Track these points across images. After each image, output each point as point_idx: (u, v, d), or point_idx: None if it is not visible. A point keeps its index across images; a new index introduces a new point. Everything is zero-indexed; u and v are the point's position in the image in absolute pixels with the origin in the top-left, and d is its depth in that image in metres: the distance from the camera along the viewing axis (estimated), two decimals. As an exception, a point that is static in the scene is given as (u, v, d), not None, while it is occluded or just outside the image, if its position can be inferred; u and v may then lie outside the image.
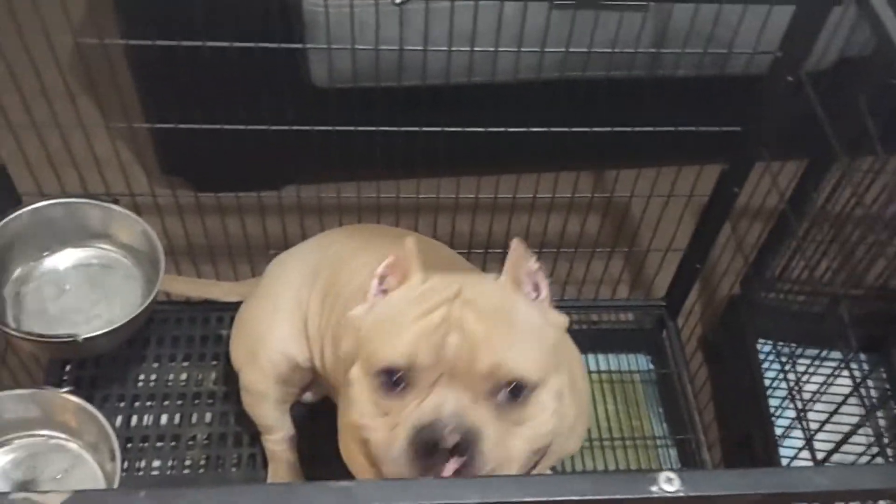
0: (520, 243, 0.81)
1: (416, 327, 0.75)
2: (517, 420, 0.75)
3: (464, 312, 0.75)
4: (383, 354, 0.75)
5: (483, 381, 0.73)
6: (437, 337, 0.74)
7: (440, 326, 0.74)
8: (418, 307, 0.77)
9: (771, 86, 1.16)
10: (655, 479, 0.55)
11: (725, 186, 1.30)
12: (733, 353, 1.49)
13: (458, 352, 0.73)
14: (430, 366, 0.73)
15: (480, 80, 1.19)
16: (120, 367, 1.38)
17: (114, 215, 1.25)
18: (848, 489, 0.56)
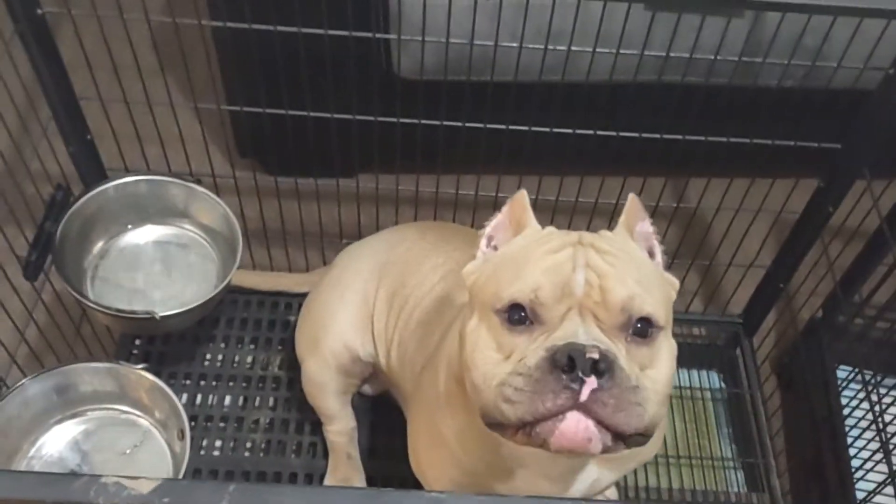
0: (635, 198, 0.81)
1: (542, 264, 0.73)
2: (645, 362, 0.72)
3: (588, 253, 0.74)
4: (509, 290, 0.72)
5: (614, 314, 0.70)
6: (564, 272, 0.72)
7: (566, 263, 0.73)
8: (540, 248, 0.75)
9: (879, 104, 1.10)
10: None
11: (820, 204, 1.25)
12: (810, 378, 1.43)
13: (586, 287, 0.71)
14: (555, 300, 0.71)
15: (574, 80, 1.16)
16: (189, 346, 1.39)
17: (196, 195, 1.25)
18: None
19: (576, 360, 0.66)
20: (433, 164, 1.29)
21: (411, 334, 1.05)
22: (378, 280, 1.15)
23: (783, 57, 1.11)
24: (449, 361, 0.87)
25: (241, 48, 1.39)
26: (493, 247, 0.82)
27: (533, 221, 0.81)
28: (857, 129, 1.15)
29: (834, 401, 1.37)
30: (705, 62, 1.10)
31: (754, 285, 1.46)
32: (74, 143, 1.22)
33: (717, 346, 1.54)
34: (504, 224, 0.82)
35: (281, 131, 1.22)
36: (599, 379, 0.66)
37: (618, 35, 1.06)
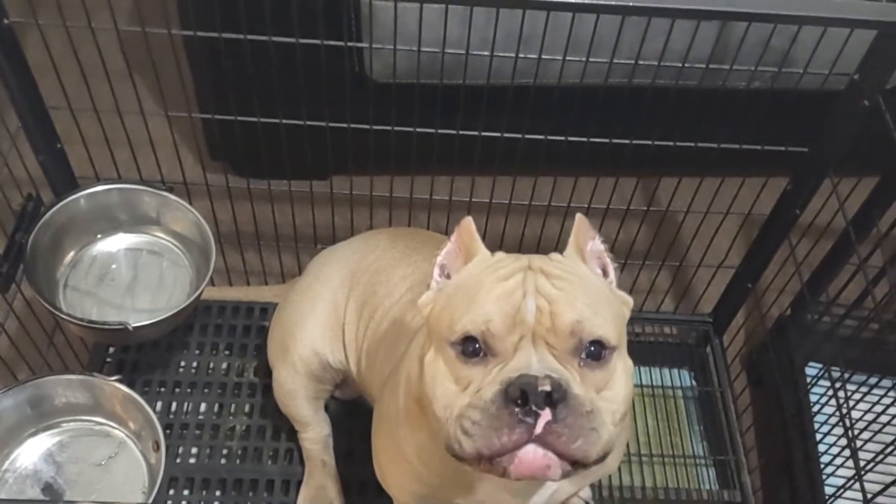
0: (583, 219, 0.80)
1: (492, 294, 0.74)
2: (599, 384, 0.72)
3: (538, 278, 0.74)
4: (462, 323, 0.73)
5: (565, 339, 0.71)
6: (514, 301, 0.73)
7: (516, 291, 0.73)
8: (492, 276, 0.76)
9: (845, 109, 1.12)
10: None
11: (787, 206, 1.27)
12: (779, 376, 1.46)
13: (536, 314, 0.71)
14: (507, 331, 0.72)
15: (544, 84, 1.17)
16: (163, 353, 1.38)
17: (168, 203, 1.25)
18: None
19: (528, 393, 0.67)
20: (407, 167, 1.30)
21: (379, 344, 1.06)
22: (348, 288, 1.15)
23: (752, 57, 1.12)
24: (408, 380, 0.87)
25: (212, 55, 1.38)
26: (445, 275, 0.82)
27: (482, 248, 0.81)
28: (823, 133, 1.17)
29: (803, 398, 1.40)
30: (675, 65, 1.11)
31: (724, 284, 1.49)
32: (44, 151, 1.21)
33: (687, 344, 1.56)
34: (454, 252, 0.82)
35: (252, 135, 1.22)
36: (554, 410, 0.67)
37: (588, 38, 1.07)
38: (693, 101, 1.16)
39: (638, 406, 1.47)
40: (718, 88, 1.18)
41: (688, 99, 1.16)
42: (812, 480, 1.30)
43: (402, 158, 1.25)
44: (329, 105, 1.17)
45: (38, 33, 1.08)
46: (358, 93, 1.43)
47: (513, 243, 1.46)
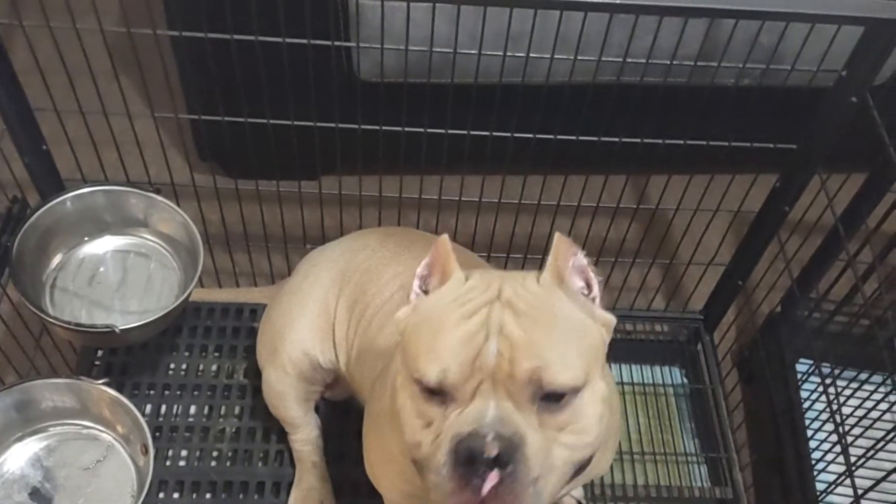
0: (562, 238, 0.78)
1: (453, 336, 0.73)
2: (560, 426, 0.72)
3: (504, 315, 0.73)
4: (420, 367, 0.73)
5: (523, 387, 0.71)
6: (476, 344, 0.72)
7: (479, 332, 0.72)
8: (458, 310, 0.75)
9: (833, 106, 1.12)
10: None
11: (776, 204, 1.27)
12: (770, 373, 1.46)
13: (497, 358, 0.71)
14: (467, 377, 0.71)
15: (532, 82, 1.16)
16: (152, 356, 1.37)
17: (155, 204, 1.24)
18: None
19: (475, 455, 0.68)
20: (396, 167, 1.29)
21: (370, 343, 1.05)
22: (339, 288, 1.15)
23: (741, 54, 1.12)
24: (394, 382, 0.87)
25: (199, 55, 1.37)
26: (424, 290, 0.81)
27: (456, 270, 0.79)
28: (811, 129, 1.17)
29: (793, 394, 1.40)
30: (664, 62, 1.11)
31: (714, 282, 1.49)
32: (29, 153, 1.20)
33: (678, 342, 1.56)
34: (434, 266, 0.81)
35: (241, 136, 1.21)
36: (502, 471, 0.68)
37: (576, 36, 1.06)
38: (682, 99, 1.16)
39: (629, 404, 1.47)
40: (707, 86, 1.18)
41: (677, 97, 1.16)
42: (803, 477, 1.30)
43: (390, 158, 1.25)
44: (317, 105, 1.17)
45: (23, 35, 1.07)
46: (346, 92, 1.43)
47: (503, 241, 1.45)
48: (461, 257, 1.08)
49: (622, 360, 1.53)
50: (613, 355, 1.59)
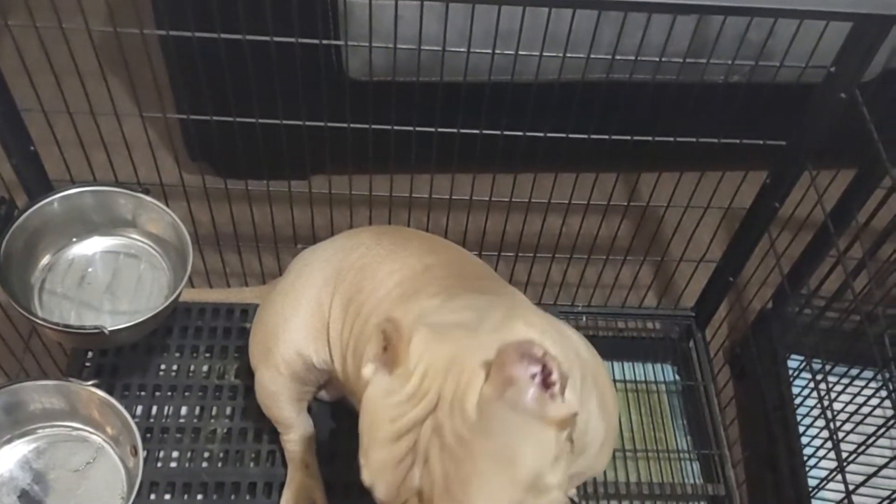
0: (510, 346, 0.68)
1: (380, 454, 0.71)
2: None
3: (431, 443, 0.69)
4: (360, 459, 0.72)
5: None
6: (403, 468, 0.70)
7: (407, 457, 0.70)
8: (391, 425, 0.71)
9: (822, 102, 1.12)
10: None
11: (766, 200, 1.27)
12: (762, 369, 1.46)
13: (419, 488, 0.69)
14: (394, 496, 0.70)
15: (522, 80, 1.16)
16: (142, 357, 1.37)
17: (143, 205, 1.23)
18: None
19: None
20: (386, 166, 1.29)
21: (366, 340, 1.05)
22: (333, 287, 1.14)
23: (730, 50, 1.12)
24: None
25: (187, 55, 1.37)
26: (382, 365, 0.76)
27: (408, 360, 0.73)
28: (801, 126, 1.17)
29: (785, 390, 1.40)
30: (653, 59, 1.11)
31: (706, 278, 1.49)
32: (17, 155, 1.19)
33: (671, 339, 1.56)
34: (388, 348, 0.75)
35: (230, 135, 1.21)
36: None
37: (565, 34, 1.06)
38: (672, 97, 1.16)
39: (622, 402, 1.47)
40: (697, 83, 1.18)
41: (666, 94, 1.16)
42: (795, 473, 1.31)
43: (380, 157, 1.24)
44: (307, 104, 1.16)
45: (9, 36, 1.07)
46: (335, 91, 1.42)
47: (494, 240, 1.45)
48: (459, 268, 1.09)
49: (614, 357, 1.53)
50: (605, 353, 1.60)
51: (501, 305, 0.85)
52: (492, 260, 1.46)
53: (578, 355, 0.87)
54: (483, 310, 0.83)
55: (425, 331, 0.74)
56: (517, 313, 0.81)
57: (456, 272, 1.06)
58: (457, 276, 1.05)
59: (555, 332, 0.83)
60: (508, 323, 0.77)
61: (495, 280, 1.12)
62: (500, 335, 0.74)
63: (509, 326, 0.77)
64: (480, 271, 1.12)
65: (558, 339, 0.82)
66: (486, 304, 0.88)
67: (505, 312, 0.81)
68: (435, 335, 0.75)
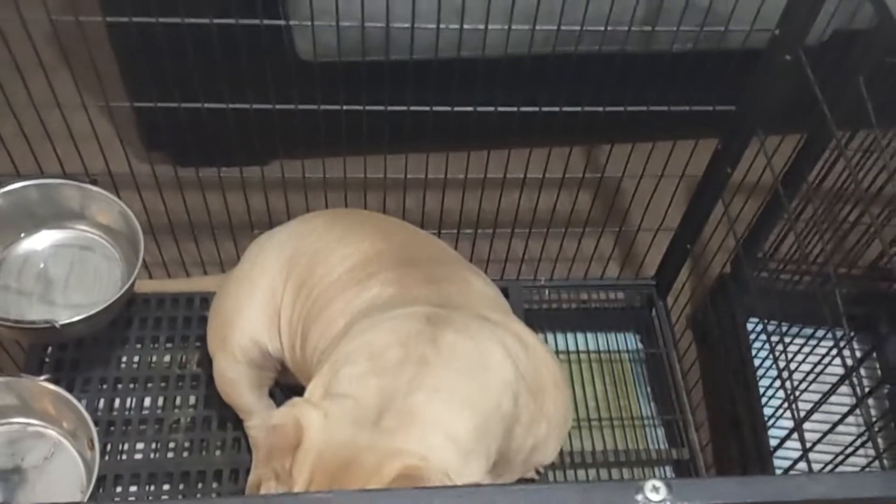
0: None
1: None
2: None
3: None
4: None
5: None
6: None
7: None
8: None
9: (768, 65, 1.13)
10: (641, 487, 0.53)
11: (718, 166, 1.28)
12: (722, 333, 1.48)
13: None
14: None
15: (469, 55, 1.15)
16: (102, 350, 1.35)
17: (91, 196, 1.21)
18: (844, 498, 0.55)
19: None
20: (339, 148, 1.28)
21: (314, 323, 1.04)
22: (286, 273, 1.14)
23: (677, 18, 1.12)
24: None
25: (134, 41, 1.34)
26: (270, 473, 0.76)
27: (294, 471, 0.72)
28: (748, 90, 1.17)
29: (745, 353, 1.42)
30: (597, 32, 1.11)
31: (665, 247, 1.50)
32: (-42, 150, 1.17)
33: (633, 308, 1.57)
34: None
35: (185, 122, 1.19)
36: None
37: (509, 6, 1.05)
38: (622, 67, 1.16)
39: (586, 372, 1.49)
40: (644, 53, 1.18)
41: (616, 64, 1.15)
42: (756, 433, 1.33)
43: (333, 139, 1.23)
44: (258, 88, 1.15)
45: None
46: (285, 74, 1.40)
47: (453, 219, 1.45)
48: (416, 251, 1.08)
49: (578, 328, 1.54)
50: (570, 325, 1.60)
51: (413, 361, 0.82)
52: (452, 238, 1.46)
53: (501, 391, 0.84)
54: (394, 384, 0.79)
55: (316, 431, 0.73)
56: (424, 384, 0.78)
57: (409, 256, 1.06)
58: (410, 261, 1.04)
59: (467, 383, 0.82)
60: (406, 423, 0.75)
61: (450, 263, 1.11)
62: (393, 442, 0.72)
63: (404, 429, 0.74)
64: (435, 255, 1.11)
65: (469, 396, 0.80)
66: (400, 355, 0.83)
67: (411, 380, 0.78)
68: (326, 435, 0.72)
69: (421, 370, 0.81)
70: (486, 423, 0.79)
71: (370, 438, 0.74)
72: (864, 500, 0.55)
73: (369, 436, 0.75)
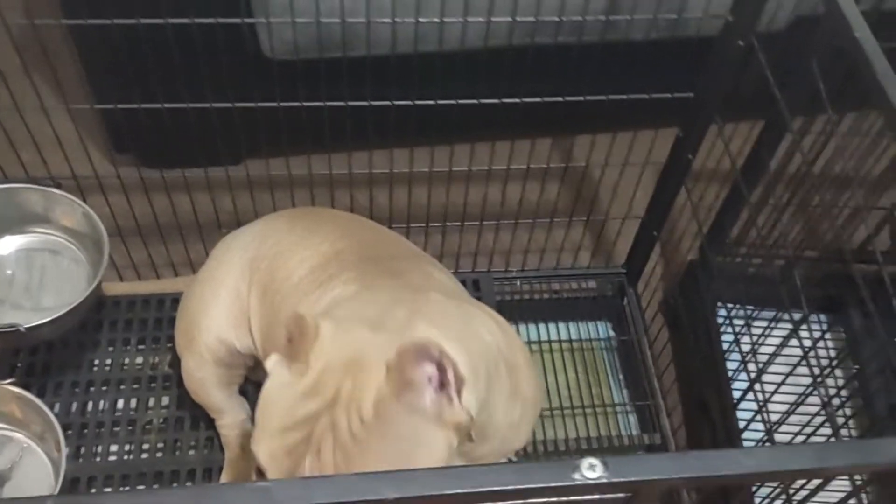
0: (408, 348, 0.71)
1: (273, 444, 0.71)
2: None
3: (325, 436, 0.71)
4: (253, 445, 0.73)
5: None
6: (296, 456, 0.71)
7: (300, 445, 0.71)
8: (285, 416, 0.72)
9: (722, 51, 1.14)
10: (578, 466, 0.54)
11: (679, 153, 1.29)
12: (691, 318, 1.49)
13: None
14: None
15: (428, 50, 1.16)
16: (73, 353, 1.36)
17: (54, 199, 1.22)
18: (776, 470, 0.56)
19: None
20: (303, 146, 1.29)
21: (280, 328, 1.05)
22: (250, 275, 1.14)
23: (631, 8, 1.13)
24: None
25: (98, 43, 1.35)
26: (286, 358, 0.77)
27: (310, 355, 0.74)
28: (704, 76, 1.19)
29: (714, 337, 1.43)
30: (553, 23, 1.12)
31: (634, 234, 1.51)
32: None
33: (605, 297, 1.58)
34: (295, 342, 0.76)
35: (152, 124, 1.19)
36: None
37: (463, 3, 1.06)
38: (582, 57, 1.17)
39: (559, 361, 1.50)
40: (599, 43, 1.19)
41: (574, 55, 1.16)
42: (725, 415, 1.34)
43: (296, 137, 1.24)
44: (215, 85, 1.15)
45: None
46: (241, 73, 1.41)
47: (420, 213, 1.46)
48: (376, 248, 1.09)
49: (551, 318, 1.55)
50: (542, 315, 1.61)
51: (407, 301, 0.86)
52: (421, 232, 1.47)
53: (487, 346, 0.86)
54: (389, 306, 0.83)
55: (329, 326, 0.76)
56: (421, 311, 0.82)
57: (369, 255, 1.06)
58: (370, 259, 1.05)
59: (460, 327, 0.84)
60: (411, 322, 0.78)
61: (411, 259, 1.12)
62: (402, 335, 0.75)
63: (412, 326, 0.77)
64: (395, 251, 1.12)
65: (462, 336, 0.81)
66: (393, 298, 0.88)
67: (410, 309, 0.82)
68: (338, 331, 0.76)
69: (414, 310, 0.81)
70: (476, 368, 0.80)
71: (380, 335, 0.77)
72: (795, 471, 0.56)
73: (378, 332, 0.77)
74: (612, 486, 0.54)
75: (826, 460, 0.56)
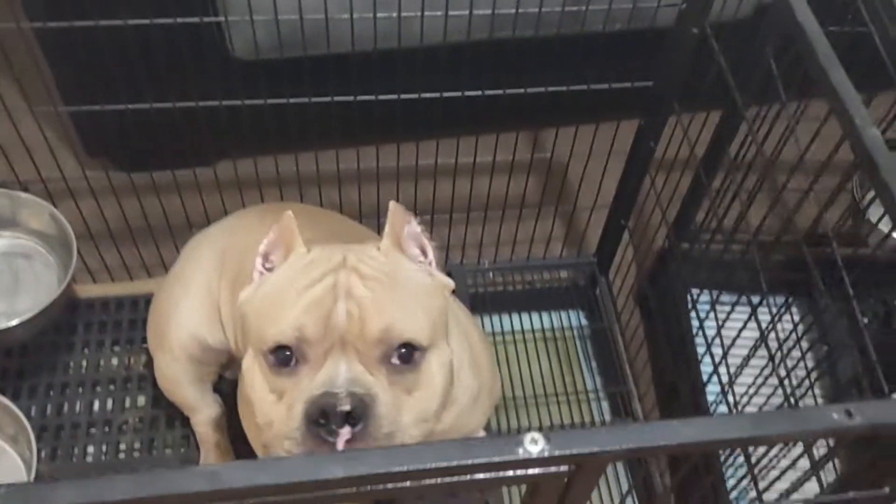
0: (397, 206, 0.82)
1: (302, 300, 0.75)
2: (409, 387, 0.76)
3: (350, 279, 0.76)
4: (272, 332, 0.75)
5: (374, 346, 0.74)
6: (325, 306, 0.74)
7: (327, 295, 0.75)
8: (303, 279, 0.77)
9: (677, 39, 1.16)
10: (521, 440, 0.56)
11: (642, 141, 1.31)
12: (662, 304, 1.51)
13: (347, 319, 0.73)
14: (319, 337, 0.73)
15: (387, 46, 1.17)
16: (47, 356, 1.36)
17: (21, 202, 1.22)
18: (713, 439, 0.58)
19: (329, 413, 0.70)
20: (270, 145, 1.30)
21: None
22: (220, 268, 1.15)
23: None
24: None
25: (64, 45, 1.35)
26: (267, 268, 0.83)
27: (299, 244, 0.81)
28: (662, 65, 1.20)
29: (684, 322, 1.45)
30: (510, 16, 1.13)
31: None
32: None
33: (578, 286, 1.60)
34: (277, 244, 0.83)
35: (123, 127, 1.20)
36: (354, 428, 0.71)
37: None
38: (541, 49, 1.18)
39: (532, 351, 1.51)
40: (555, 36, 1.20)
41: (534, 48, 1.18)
42: (696, 397, 1.36)
43: (262, 135, 1.25)
44: (190, 86, 1.16)
45: None
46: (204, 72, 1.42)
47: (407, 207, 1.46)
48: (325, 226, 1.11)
49: (524, 309, 1.57)
50: (516, 306, 1.62)
51: None
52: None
53: (453, 313, 0.90)
54: None
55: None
56: None
57: (320, 231, 1.08)
58: (321, 234, 1.06)
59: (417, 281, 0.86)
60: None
61: (362, 233, 1.14)
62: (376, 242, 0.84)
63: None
64: (344, 227, 1.14)
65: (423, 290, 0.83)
66: None
67: None
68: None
69: None
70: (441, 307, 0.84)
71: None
72: (732, 440, 0.58)
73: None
74: (555, 460, 0.56)
75: (761, 428, 0.57)
